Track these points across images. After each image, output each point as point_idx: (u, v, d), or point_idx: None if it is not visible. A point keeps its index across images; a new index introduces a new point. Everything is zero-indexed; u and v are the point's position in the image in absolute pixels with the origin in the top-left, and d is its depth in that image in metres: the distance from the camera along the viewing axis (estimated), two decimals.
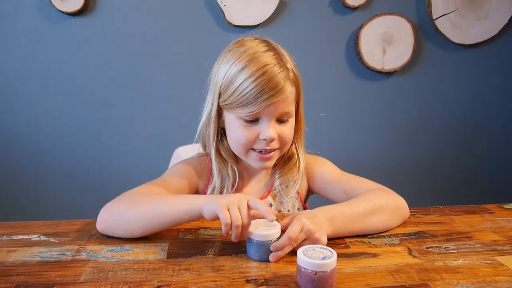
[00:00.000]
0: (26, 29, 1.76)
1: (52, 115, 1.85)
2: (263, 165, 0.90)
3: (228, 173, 0.94)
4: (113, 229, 0.80)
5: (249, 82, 0.81)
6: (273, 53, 0.85)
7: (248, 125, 0.86)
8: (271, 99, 0.82)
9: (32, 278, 0.66)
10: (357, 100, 2.03)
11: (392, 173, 2.10)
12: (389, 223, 0.86)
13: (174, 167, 0.98)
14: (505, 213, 0.98)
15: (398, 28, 1.93)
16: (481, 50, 2.05)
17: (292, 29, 1.88)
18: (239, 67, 0.83)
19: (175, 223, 0.78)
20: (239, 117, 0.85)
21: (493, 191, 2.23)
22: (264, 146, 0.87)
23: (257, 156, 0.88)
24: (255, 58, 0.83)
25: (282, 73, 0.83)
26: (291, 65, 0.87)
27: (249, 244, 0.73)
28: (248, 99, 0.82)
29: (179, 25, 1.84)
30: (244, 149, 0.89)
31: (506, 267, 0.72)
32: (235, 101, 0.83)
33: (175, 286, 0.64)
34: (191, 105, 1.85)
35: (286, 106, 0.86)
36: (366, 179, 0.97)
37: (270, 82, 0.81)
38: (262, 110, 0.83)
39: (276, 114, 0.85)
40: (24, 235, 0.82)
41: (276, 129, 0.86)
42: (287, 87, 0.84)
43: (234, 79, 0.83)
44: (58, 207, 1.92)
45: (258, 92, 0.81)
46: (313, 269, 0.61)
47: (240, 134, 0.87)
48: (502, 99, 2.14)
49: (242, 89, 0.82)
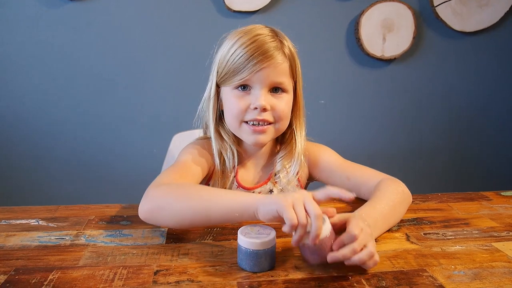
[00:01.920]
0: (25, 14, 1.74)
1: (51, 100, 1.84)
2: (257, 138, 0.88)
3: (227, 155, 0.94)
4: (158, 219, 0.74)
5: (241, 49, 0.84)
6: (269, 29, 0.88)
7: (241, 95, 0.87)
8: (260, 64, 0.83)
9: (31, 262, 0.66)
10: (357, 87, 2.02)
11: (390, 160, 2.11)
12: (404, 213, 0.87)
13: (188, 151, 0.94)
14: (502, 200, 0.99)
15: (399, 15, 1.91)
16: (482, 37, 2.04)
17: (292, 15, 1.87)
18: (234, 41, 0.86)
19: (226, 221, 0.75)
20: (233, 87, 0.87)
21: (492, 179, 2.24)
22: (256, 116, 0.86)
23: (249, 129, 0.88)
24: (250, 31, 0.87)
25: (274, 43, 0.85)
26: (288, 42, 0.89)
27: (240, 253, 0.66)
28: (238, 66, 0.84)
29: (179, 11, 1.82)
30: (237, 120, 0.88)
31: (502, 253, 0.72)
32: (228, 71, 0.86)
33: (174, 270, 0.64)
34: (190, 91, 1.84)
35: (278, 75, 0.86)
36: (366, 167, 0.97)
37: (260, 49, 0.83)
38: (252, 77, 0.84)
39: (267, 82, 0.85)
40: (23, 220, 0.82)
41: (268, 100, 0.86)
42: (278, 55, 0.85)
43: (228, 52, 0.86)
44: (56, 192, 1.93)
45: (248, 57, 0.83)
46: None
47: (233, 104, 0.87)
48: (502, 87, 2.13)
49: (234, 56, 0.85)
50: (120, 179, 1.94)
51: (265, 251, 0.64)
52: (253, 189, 0.96)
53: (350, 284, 0.62)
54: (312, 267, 0.66)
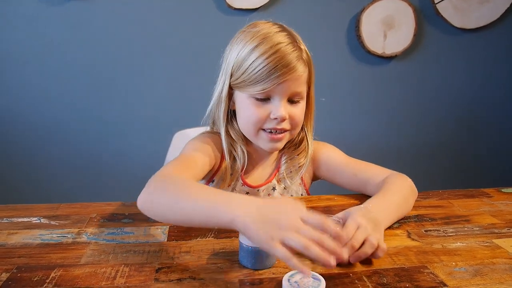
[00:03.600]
0: (24, 11, 1.74)
1: (51, 98, 1.84)
2: (274, 146, 0.90)
3: (238, 154, 0.94)
4: (153, 213, 0.72)
5: (262, 59, 0.81)
6: (286, 33, 0.85)
7: (259, 104, 0.85)
8: (283, 76, 0.81)
9: (33, 260, 0.66)
10: (358, 84, 2.02)
11: (392, 157, 2.11)
12: (411, 207, 0.88)
13: (194, 143, 0.94)
14: (503, 197, 0.99)
15: (399, 12, 1.91)
16: (482, 34, 2.03)
17: (292, 13, 1.86)
18: (252, 46, 0.83)
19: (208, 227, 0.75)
20: (251, 95, 0.85)
21: (492, 176, 2.24)
22: (275, 125, 0.86)
23: (267, 137, 0.88)
24: (268, 37, 0.83)
25: (295, 52, 0.83)
26: (303, 46, 0.87)
27: (241, 250, 0.66)
28: (260, 76, 0.81)
29: (179, 8, 1.82)
30: (254, 128, 0.88)
31: (503, 249, 0.72)
32: (247, 79, 0.83)
33: (176, 268, 0.64)
34: (192, 88, 1.86)
35: (298, 86, 0.85)
36: (372, 163, 0.97)
37: (283, 60, 0.81)
38: (274, 88, 0.83)
39: (288, 93, 0.85)
40: (25, 218, 0.82)
41: (288, 110, 0.86)
42: (300, 66, 0.83)
43: (246, 57, 0.83)
44: (58, 190, 1.93)
45: (271, 69, 0.80)
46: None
47: (251, 112, 0.86)
48: (503, 83, 2.13)
49: (254, 66, 0.82)
50: (121, 177, 1.94)
51: None
52: (258, 188, 0.96)
53: (351, 281, 0.62)
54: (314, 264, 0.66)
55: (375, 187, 0.88)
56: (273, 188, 0.98)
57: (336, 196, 0.96)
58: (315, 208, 0.89)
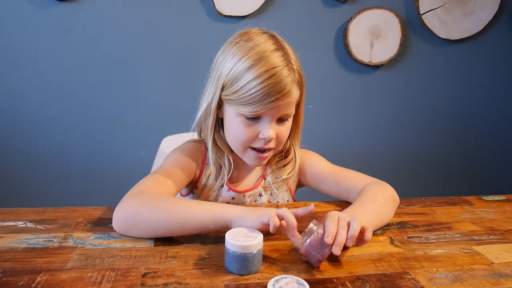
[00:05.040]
0: (13, 14, 1.73)
1: (38, 102, 1.83)
2: (259, 163, 0.92)
3: (224, 163, 0.95)
4: (132, 230, 0.76)
5: (256, 82, 0.80)
6: (282, 53, 0.84)
7: (249, 123, 0.85)
8: (276, 102, 0.81)
9: (19, 264, 0.66)
10: (345, 92, 2.05)
11: (377, 165, 2.13)
12: (391, 215, 0.88)
13: (174, 156, 0.95)
14: (484, 205, 1.01)
15: (386, 22, 1.95)
16: (467, 45, 2.08)
17: (281, 21, 1.89)
18: (247, 65, 0.81)
19: (200, 230, 0.77)
20: (241, 113, 0.85)
21: (475, 184, 2.29)
22: (262, 145, 0.87)
23: (254, 155, 0.89)
24: (263, 57, 0.81)
25: (290, 77, 0.82)
26: (296, 65, 0.86)
27: (227, 256, 0.66)
28: (253, 99, 0.81)
29: (169, 15, 1.83)
30: (242, 146, 0.89)
31: (483, 256, 0.75)
32: (239, 98, 0.82)
33: (162, 273, 0.65)
34: (180, 94, 1.86)
35: (289, 108, 0.86)
36: (356, 171, 0.99)
37: (278, 85, 0.80)
38: (265, 111, 0.83)
39: (278, 115, 0.85)
40: (11, 222, 0.81)
41: (275, 130, 0.86)
42: (294, 90, 0.83)
43: (240, 76, 0.82)
44: (44, 195, 1.91)
45: (265, 94, 0.80)
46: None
47: (240, 131, 0.86)
48: (486, 93, 2.18)
49: (248, 88, 0.81)
50: (108, 182, 1.93)
51: (252, 254, 0.65)
52: (243, 193, 0.97)
53: (335, 286, 0.63)
54: (298, 270, 0.67)
55: (356, 195, 0.90)
56: (260, 194, 0.99)
57: (322, 203, 0.97)
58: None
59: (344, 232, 0.68)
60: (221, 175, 0.95)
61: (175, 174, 0.89)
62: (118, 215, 0.76)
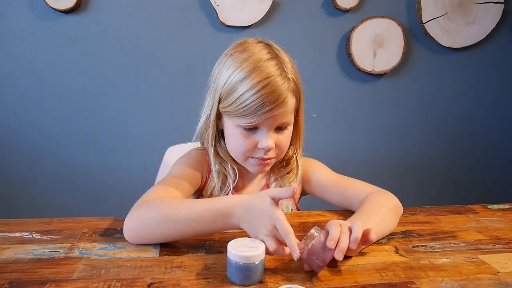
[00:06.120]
0: (19, 27, 1.75)
1: (44, 113, 1.84)
2: (261, 170, 0.92)
3: (228, 172, 0.95)
4: (143, 238, 0.77)
5: (250, 93, 0.80)
6: (276, 62, 0.83)
7: (247, 134, 0.86)
8: (272, 111, 0.81)
9: (25, 275, 0.66)
10: (348, 101, 2.06)
11: (381, 174, 2.13)
12: (395, 224, 0.88)
13: (180, 165, 0.96)
14: (489, 213, 1.01)
15: (389, 31, 1.96)
16: (469, 53, 2.09)
17: (284, 30, 1.90)
18: (241, 76, 0.82)
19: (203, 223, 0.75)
20: (238, 125, 0.85)
21: (480, 192, 2.28)
22: (262, 155, 0.88)
23: (255, 162, 0.90)
24: (257, 67, 0.81)
25: (284, 85, 0.82)
26: (292, 73, 0.85)
27: (229, 266, 0.66)
28: (248, 110, 0.81)
29: (172, 25, 1.85)
30: (243, 156, 0.90)
31: (488, 265, 0.74)
32: (235, 110, 0.83)
33: (167, 283, 0.65)
34: (184, 104, 1.87)
35: (286, 117, 0.86)
36: (359, 180, 0.99)
37: (272, 95, 0.80)
38: (262, 121, 0.83)
39: (275, 124, 0.85)
40: (17, 233, 0.82)
41: (274, 139, 0.86)
42: (289, 99, 0.83)
43: (235, 88, 0.82)
44: (50, 205, 1.92)
45: (259, 104, 0.80)
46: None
47: (239, 142, 0.87)
48: (491, 101, 2.18)
49: (243, 99, 0.81)
50: (113, 192, 1.94)
51: (255, 265, 0.65)
52: None
53: None
54: (303, 279, 0.67)
55: (359, 204, 0.90)
56: None
57: (326, 212, 0.97)
58: (305, 224, 0.90)
59: (346, 238, 0.68)
60: (227, 184, 0.96)
61: (181, 183, 0.90)
62: (129, 226, 0.77)
